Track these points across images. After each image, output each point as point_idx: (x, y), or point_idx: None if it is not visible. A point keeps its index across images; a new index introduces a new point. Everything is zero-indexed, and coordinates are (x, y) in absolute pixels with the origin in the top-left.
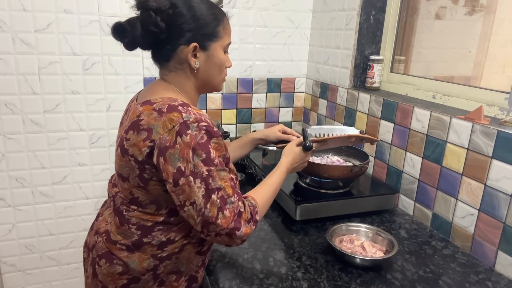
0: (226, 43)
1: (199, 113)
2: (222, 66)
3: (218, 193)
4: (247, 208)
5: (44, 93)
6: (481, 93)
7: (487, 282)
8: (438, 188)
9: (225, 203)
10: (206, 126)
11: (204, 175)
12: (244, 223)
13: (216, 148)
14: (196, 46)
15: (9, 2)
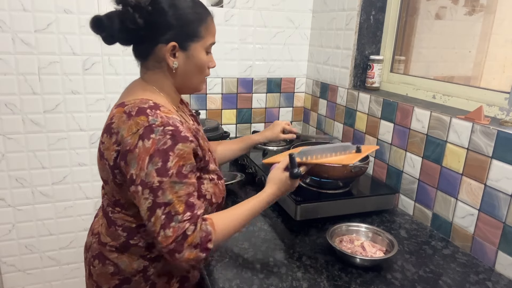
0: (208, 44)
1: (168, 116)
2: (203, 67)
3: (165, 208)
4: (197, 233)
5: (44, 93)
6: (481, 93)
7: (487, 282)
8: (438, 188)
9: (169, 221)
10: (173, 130)
11: (154, 186)
12: (188, 247)
13: (180, 155)
14: (175, 46)
15: (9, 2)
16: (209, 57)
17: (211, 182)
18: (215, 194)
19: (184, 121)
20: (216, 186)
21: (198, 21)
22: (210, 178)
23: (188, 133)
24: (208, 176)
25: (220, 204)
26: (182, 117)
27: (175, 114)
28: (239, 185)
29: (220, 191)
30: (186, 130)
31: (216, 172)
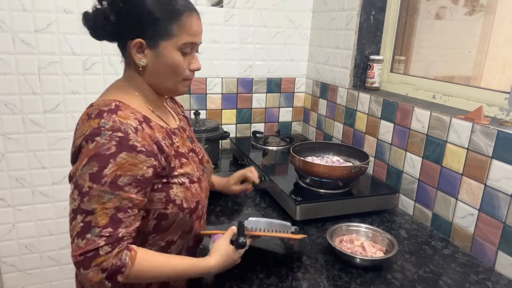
0: (181, 43)
1: (122, 121)
2: (176, 68)
3: (86, 216)
4: (111, 258)
5: (44, 93)
6: (481, 93)
7: (487, 282)
8: (438, 188)
9: (86, 231)
10: (121, 137)
11: (83, 190)
12: (95, 268)
13: (121, 165)
14: (141, 43)
15: (9, 2)
16: (190, 57)
17: (181, 186)
18: (187, 198)
19: (157, 125)
20: (188, 190)
21: (169, 19)
22: (179, 182)
23: (143, 141)
24: (177, 181)
25: (195, 209)
26: (160, 119)
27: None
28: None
29: (192, 195)
30: (142, 138)
31: (188, 176)
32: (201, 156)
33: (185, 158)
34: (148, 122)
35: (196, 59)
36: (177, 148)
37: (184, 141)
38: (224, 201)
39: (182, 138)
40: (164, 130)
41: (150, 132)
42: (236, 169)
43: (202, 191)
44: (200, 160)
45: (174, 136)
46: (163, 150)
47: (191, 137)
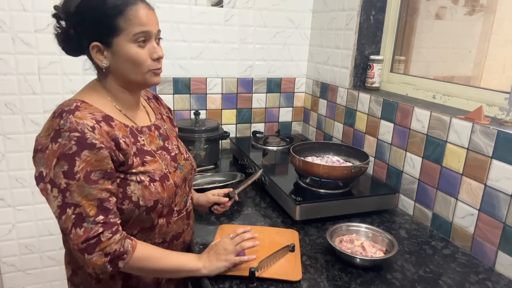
0: (131, 35)
1: (78, 122)
2: (135, 60)
3: (75, 209)
4: (114, 244)
5: (44, 93)
6: (481, 93)
7: (487, 282)
8: (438, 188)
9: (81, 221)
10: (78, 137)
11: (61, 187)
12: (99, 252)
13: (87, 161)
14: (97, 46)
15: (9, 2)
16: (149, 47)
17: (139, 184)
18: (144, 197)
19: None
20: (146, 188)
21: (113, 16)
22: (138, 180)
23: (101, 139)
24: (134, 178)
25: (153, 207)
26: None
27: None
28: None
29: (150, 194)
30: (99, 135)
31: (149, 174)
32: (175, 154)
33: (150, 156)
34: (109, 120)
35: (156, 48)
36: (141, 146)
37: (153, 139)
38: None
39: (151, 136)
40: (128, 129)
41: (109, 129)
42: (236, 169)
43: (165, 190)
44: (172, 158)
45: (141, 135)
46: (120, 147)
47: (166, 135)
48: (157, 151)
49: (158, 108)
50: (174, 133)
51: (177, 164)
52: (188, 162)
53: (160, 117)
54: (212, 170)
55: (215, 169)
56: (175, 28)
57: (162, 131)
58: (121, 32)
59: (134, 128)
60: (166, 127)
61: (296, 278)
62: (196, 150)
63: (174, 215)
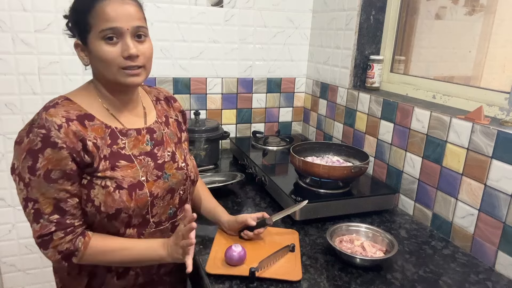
0: (98, 31)
1: (48, 119)
2: (105, 58)
3: (34, 204)
4: (65, 244)
5: (44, 93)
6: (481, 93)
7: (487, 282)
8: (438, 188)
9: (38, 217)
10: (44, 134)
11: (26, 181)
12: (52, 250)
13: (49, 159)
14: (77, 43)
15: (9, 2)
16: (122, 44)
17: (103, 189)
18: (106, 203)
19: (98, 124)
20: (110, 195)
21: (84, 12)
22: (102, 184)
23: (64, 138)
24: (99, 182)
25: (115, 216)
26: (113, 118)
27: (75, 115)
28: (239, 185)
29: (113, 201)
30: (64, 135)
31: (117, 180)
32: (163, 161)
33: (127, 160)
34: (85, 120)
35: (128, 45)
36: (118, 149)
37: (138, 143)
38: (224, 201)
39: (137, 139)
40: (109, 130)
41: (78, 129)
42: (236, 169)
43: (133, 200)
44: (157, 165)
45: (123, 137)
46: (87, 149)
47: (160, 140)
48: (138, 156)
49: (165, 110)
50: (176, 138)
51: (162, 172)
52: (181, 172)
53: (165, 120)
54: (212, 170)
55: (215, 169)
56: (175, 28)
57: (157, 135)
58: (91, 29)
59: (118, 129)
60: (166, 131)
61: (296, 278)
62: (196, 150)
63: (150, 227)
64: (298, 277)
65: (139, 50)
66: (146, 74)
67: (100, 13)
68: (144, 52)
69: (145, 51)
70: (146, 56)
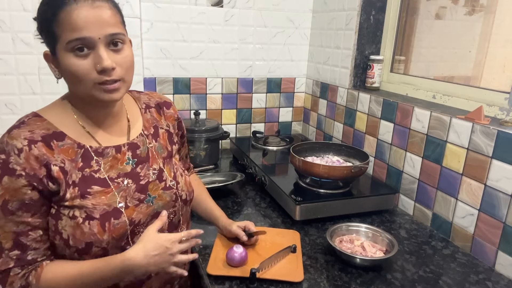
0: (65, 43)
1: (8, 142)
2: (74, 72)
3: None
4: (18, 280)
5: (44, 93)
6: (481, 93)
7: (487, 282)
8: (438, 188)
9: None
10: (3, 160)
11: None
12: (9, 286)
13: (6, 189)
14: (47, 54)
15: (9, 2)
16: (94, 56)
17: (71, 220)
18: (74, 236)
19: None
20: (78, 227)
21: (49, 20)
22: (70, 215)
23: (24, 164)
24: (67, 212)
25: (86, 250)
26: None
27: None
28: (239, 185)
29: (82, 234)
30: (24, 160)
31: (87, 210)
32: (146, 182)
33: (100, 185)
34: (53, 140)
35: (101, 57)
36: (91, 173)
37: (116, 163)
38: (224, 201)
39: (115, 159)
40: (82, 151)
41: (42, 152)
42: (236, 169)
43: (106, 231)
44: (139, 188)
45: (98, 157)
46: (51, 175)
47: (145, 157)
48: (116, 179)
49: (155, 120)
50: (166, 152)
51: (146, 195)
52: (169, 193)
53: (153, 132)
54: (212, 170)
55: (215, 169)
56: (175, 28)
57: (141, 151)
58: (57, 39)
59: (92, 149)
60: (153, 145)
61: (298, 279)
62: (196, 150)
63: None
64: (299, 278)
65: (116, 61)
66: (126, 87)
67: (66, 21)
68: (121, 63)
69: (123, 62)
70: (124, 67)
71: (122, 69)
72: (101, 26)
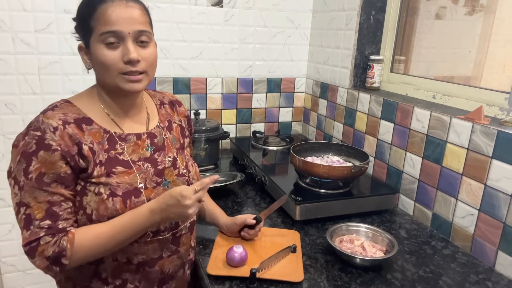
0: (98, 35)
1: (44, 121)
2: (103, 62)
3: (26, 209)
4: (50, 247)
5: (44, 93)
6: (481, 93)
7: (487, 282)
8: (438, 188)
9: (28, 224)
10: (39, 136)
11: (20, 184)
12: (40, 256)
13: (42, 162)
14: (81, 46)
15: (9, 2)
16: (122, 48)
17: (96, 196)
18: (98, 211)
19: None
20: (103, 202)
21: (87, 15)
22: (96, 191)
23: (59, 141)
24: (93, 188)
25: None
26: (113, 123)
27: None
28: (239, 185)
29: (106, 209)
30: (59, 138)
31: (111, 187)
32: (163, 167)
33: (124, 166)
34: (83, 123)
35: (129, 49)
36: (116, 155)
37: (138, 148)
38: (224, 201)
39: (136, 145)
40: (107, 135)
41: (75, 132)
42: (236, 169)
43: (127, 208)
44: (157, 172)
45: (122, 142)
46: (82, 153)
47: (161, 145)
48: (137, 162)
49: (169, 115)
50: (178, 144)
51: (162, 179)
52: (182, 179)
53: (167, 125)
54: (212, 170)
55: (215, 169)
56: (175, 28)
57: (158, 140)
58: (92, 32)
59: (117, 134)
60: (167, 136)
61: (298, 279)
62: (196, 150)
63: (146, 236)
64: (299, 278)
65: (141, 55)
66: (148, 80)
67: (101, 16)
68: (146, 57)
69: (148, 57)
70: (148, 62)
71: (146, 63)
72: (131, 23)
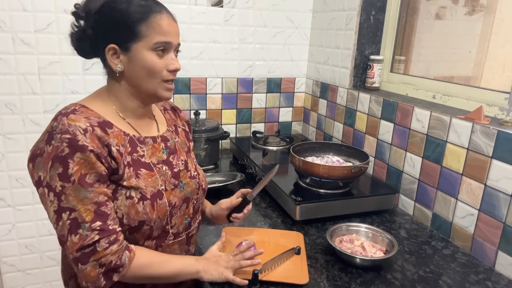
0: (152, 43)
1: (71, 124)
2: (151, 69)
3: (70, 213)
4: (110, 256)
5: (44, 93)
6: (481, 93)
7: (487, 282)
8: (438, 188)
9: (76, 227)
10: (69, 139)
11: (57, 190)
12: (93, 263)
13: (81, 164)
14: (114, 48)
15: (9, 2)
16: (167, 58)
17: (127, 200)
18: (129, 215)
19: (117, 131)
20: (133, 206)
21: (137, 20)
22: (127, 195)
23: (92, 143)
24: (124, 192)
25: (137, 228)
26: (129, 126)
27: (95, 121)
28: (239, 185)
29: (137, 213)
30: (90, 140)
31: (141, 190)
32: (178, 170)
33: (147, 168)
34: (105, 127)
35: (174, 60)
36: (138, 157)
37: (156, 151)
38: None
39: (154, 148)
40: (128, 138)
41: (102, 135)
42: (236, 169)
43: (155, 211)
44: (174, 174)
45: (142, 145)
46: (112, 155)
47: (174, 149)
48: (157, 165)
49: (173, 119)
50: (186, 147)
51: (178, 181)
52: (195, 181)
53: (174, 129)
54: (212, 170)
55: (215, 169)
56: None
57: (170, 143)
58: (142, 38)
59: (136, 137)
60: (177, 140)
61: (303, 282)
62: (196, 150)
63: (168, 238)
64: (304, 281)
65: None
66: None
67: (157, 25)
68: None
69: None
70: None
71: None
72: (177, 36)
